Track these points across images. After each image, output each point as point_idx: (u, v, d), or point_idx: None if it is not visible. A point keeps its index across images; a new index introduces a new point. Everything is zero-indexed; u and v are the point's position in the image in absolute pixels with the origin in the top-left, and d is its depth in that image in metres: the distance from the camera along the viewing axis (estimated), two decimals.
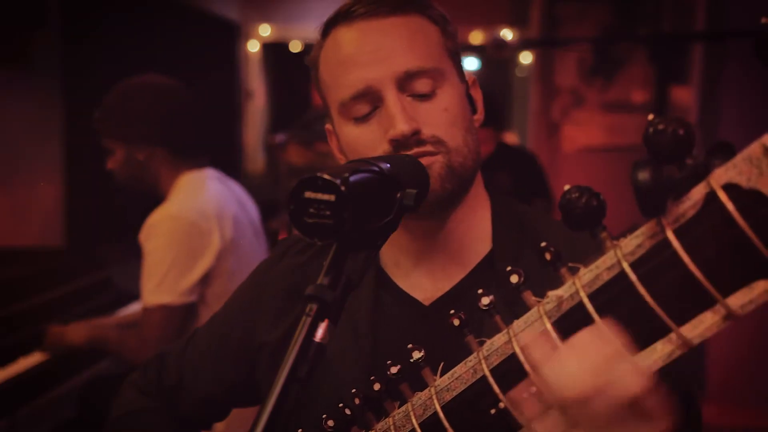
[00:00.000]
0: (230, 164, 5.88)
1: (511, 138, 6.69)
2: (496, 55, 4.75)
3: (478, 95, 1.24)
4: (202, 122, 2.60)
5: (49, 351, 2.68)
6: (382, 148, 1.11)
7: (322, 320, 0.84)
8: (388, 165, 0.95)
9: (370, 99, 1.12)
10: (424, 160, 1.08)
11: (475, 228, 1.20)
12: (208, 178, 2.55)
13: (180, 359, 1.38)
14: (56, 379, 2.85)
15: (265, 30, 7.53)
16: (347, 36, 1.15)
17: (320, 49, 1.20)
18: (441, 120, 1.12)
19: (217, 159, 2.69)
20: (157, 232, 2.39)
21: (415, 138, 1.10)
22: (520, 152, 4.88)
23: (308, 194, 0.83)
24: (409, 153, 1.09)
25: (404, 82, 1.12)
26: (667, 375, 0.69)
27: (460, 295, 1.18)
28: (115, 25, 4.58)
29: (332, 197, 0.82)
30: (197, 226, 2.40)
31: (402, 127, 1.08)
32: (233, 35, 7.33)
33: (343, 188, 0.81)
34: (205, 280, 2.43)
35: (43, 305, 2.98)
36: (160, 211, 2.42)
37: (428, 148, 1.10)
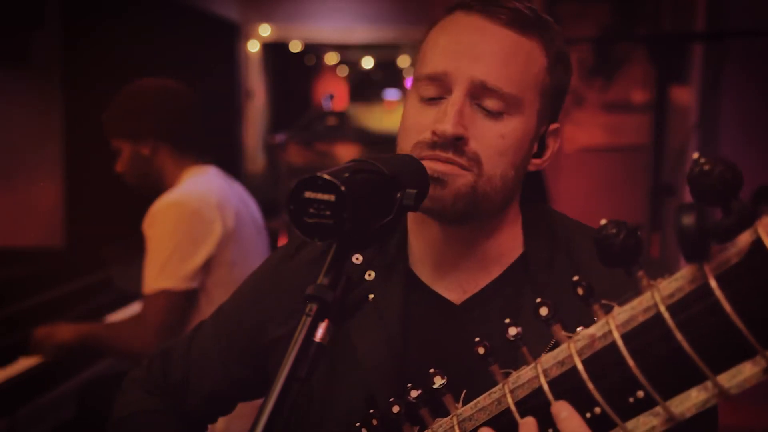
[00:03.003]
0: (230, 164, 5.88)
1: None
2: None
3: (553, 144, 1.21)
4: (204, 120, 2.68)
5: (37, 354, 2.64)
6: (425, 135, 1.10)
7: (322, 320, 0.84)
8: (388, 165, 0.95)
9: (441, 86, 1.11)
10: (451, 169, 1.07)
11: (506, 235, 1.20)
12: (211, 174, 2.63)
13: (186, 355, 1.36)
14: (56, 379, 2.84)
15: (265, 30, 7.53)
16: (456, 23, 1.15)
17: (435, 24, 1.20)
18: (491, 143, 1.09)
19: (217, 159, 2.73)
20: (160, 219, 2.43)
21: (455, 143, 1.08)
22: None
23: (308, 194, 0.83)
24: (443, 154, 1.08)
25: (477, 91, 1.09)
26: None
27: (491, 296, 1.17)
28: (115, 24, 4.58)
29: (332, 197, 0.81)
30: (200, 213, 2.44)
31: (448, 126, 1.06)
32: (233, 35, 7.33)
33: (343, 188, 0.81)
34: (206, 268, 2.46)
35: (43, 305, 2.98)
36: (163, 199, 2.46)
37: (462, 161, 1.08)
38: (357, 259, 1.20)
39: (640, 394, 0.69)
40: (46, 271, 3.28)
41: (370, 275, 1.19)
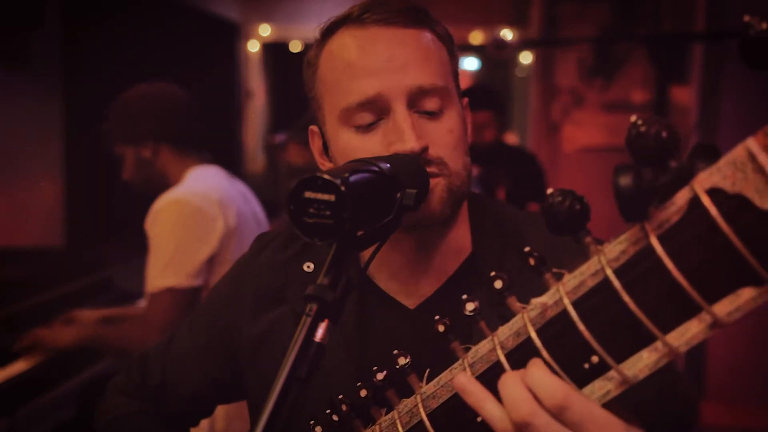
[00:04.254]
0: (230, 164, 5.87)
1: (511, 138, 6.69)
2: (496, 55, 4.75)
3: (469, 118, 1.23)
4: (202, 118, 2.71)
5: (34, 356, 2.64)
6: None
7: (322, 320, 0.84)
8: (388, 165, 0.95)
9: (377, 109, 1.09)
10: None
11: (456, 233, 1.20)
12: (212, 172, 2.66)
13: (163, 358, 1.38)
14: (56, 379, 2.84)
15: (265, 30, 7.53)
16: (359, 39, 1.11)
17: (321, 48, 1.16)
18: (446, 141, 1.11)
19: (217, 159, 2.75)
20: (163, 218, 2.44)
21: (422, 156, 1.08)
22: (519, 152, 4.87)
23: (308, 194, 0.83)
24: None
25: (415, 98, 1.09)
26: (660, 396, 0.69)
27: (444, 298, 1.17)
28: (115, 24, 4.58)
29: (332, 197, 0.82)
30: (202, 210, 2.45)
31: (412, 144, 1.06)
32: (233, 35, 7.33)
33: (342, 188, 0.81)
34: (209, 265, 2.47)
35: (43, 305, 2.98)
36: (166, 197, 2.48)
37: (432, 169, 1.08)
38: (308, 267, 1.21)
39: (595, 359, 0.70)
40: (46, 271, 3.28)
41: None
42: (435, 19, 1.18)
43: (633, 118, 0.64)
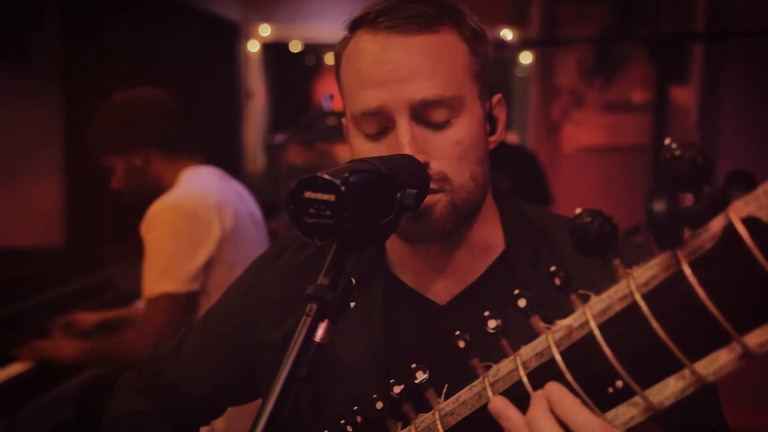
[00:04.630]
0: (230, 164, 5.88)
1: (511, 138, 6.69)
2: (496, 55, 4.74)
3: (501, 114, 1.20)
4: (188, 119, 2.68)
5: (31, 361, 2.62)
6: None
7: (322, 320, 0.84)
8: (388, 165, 0.95)
9: (382, 119, 1.09)
10: (426, 200, 1.06)
11: (486, 231, 1.19)
12: (206, 174, 2.62)
13: (175, 359, 1.37)
14: (56, 379, 2.84)
15: (265, 30, 7.53)
16: (368, 46, 1.10)
17: (344, 46, 1.16)
18: (450, 153, 1.08)
19: (217, 159, 2.73)
20: (158, 222, 2.42)
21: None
22: (519, 152, 4.87)
23: (308, 194, 0.82)
24: None
25: (419, 110, 1.07)
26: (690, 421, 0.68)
27: (475, 295, 1.17)
28: (115, 25, 4.58)
29: (332, 197, 0.81)
30: (198, 214, 2.43)
31: None
32: (233, 35, 7.33)
33: (342, 188, 0.81)
34: (207, 269, 2.45)
35: (43, 305, 2.98)
36: (161, 202, 2.45)
37: (433, 185, 1.07)
38: None
39: (619, 383, 0.69)
40: (46, 271, 3.28)
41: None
42: (462, 15, 1.14)
43: (667, 141, 0.63)
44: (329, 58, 9.86)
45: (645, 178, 4.42)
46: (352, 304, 1.16)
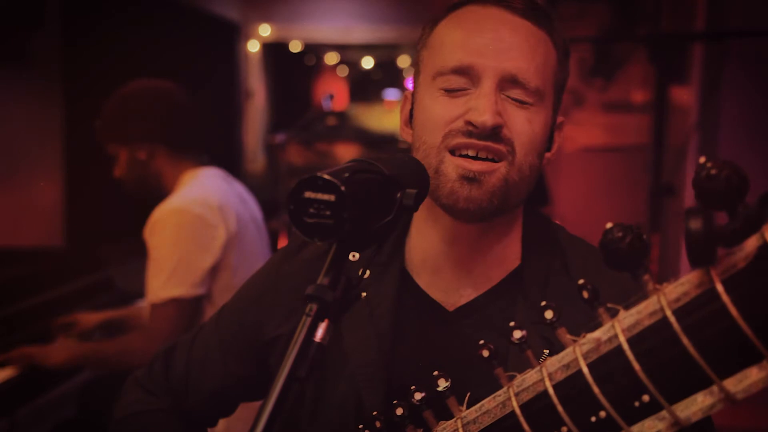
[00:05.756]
0: (230, 164, 5.88)
1: None
2: None
3: (559, 138, 1.24)
4: (198, 119, 2.65)
5: (22, 368, 2.52)
6: (457, 126, 1.11)
7: (322, 320, 0.84)
8: (388, 165, 0.95)
9: (468, 78, 1.12)
10: (486, 167, 1.08)
11: (507, 242, 1.20)
12: (210, 176, 2.59)
13: (187, 355, 1.36)
14: (56, 379, 2.84)
15: (265, 30, 7.53)
16: (476, 15, 1.15)
17: (445, 15, 1.20)
18: (522, 129, 1.12)
19: (217, 159, 2.72)
20: (163, 227, 2.39)
21: (494, 131, 1.09)
22: None
23: (308, 194, 0.82)
24: (479, 142, 1.09)
25: (506, 83, 1.11)
26: None
27: (484, 305, 1.17)
28: (115, 25, 4.58)
29: (332, 197, 0.81)
30: (203, 218, 2.40)
31: (487, 117, 1.08)
32: (233, 35, 7.33)
33: (343, 188, 0.81)
34: (212, 273, 2.43)
35: (43, 305, 2.98)
36: (165, 206, 2.43)
37: (501, 147, 1.10)
38: (353, 256, 1.20)
39: (646, 398, 0.69)
40: (46, 271, 3.28)
41: (365, 273, 1.19)
42: (557, 27, 1.19)
43: (702, 159, 0.63)
44: (329, 58, 9.88)
45: (645, 178, 4.42)
46: (364, 294, 1.18)
